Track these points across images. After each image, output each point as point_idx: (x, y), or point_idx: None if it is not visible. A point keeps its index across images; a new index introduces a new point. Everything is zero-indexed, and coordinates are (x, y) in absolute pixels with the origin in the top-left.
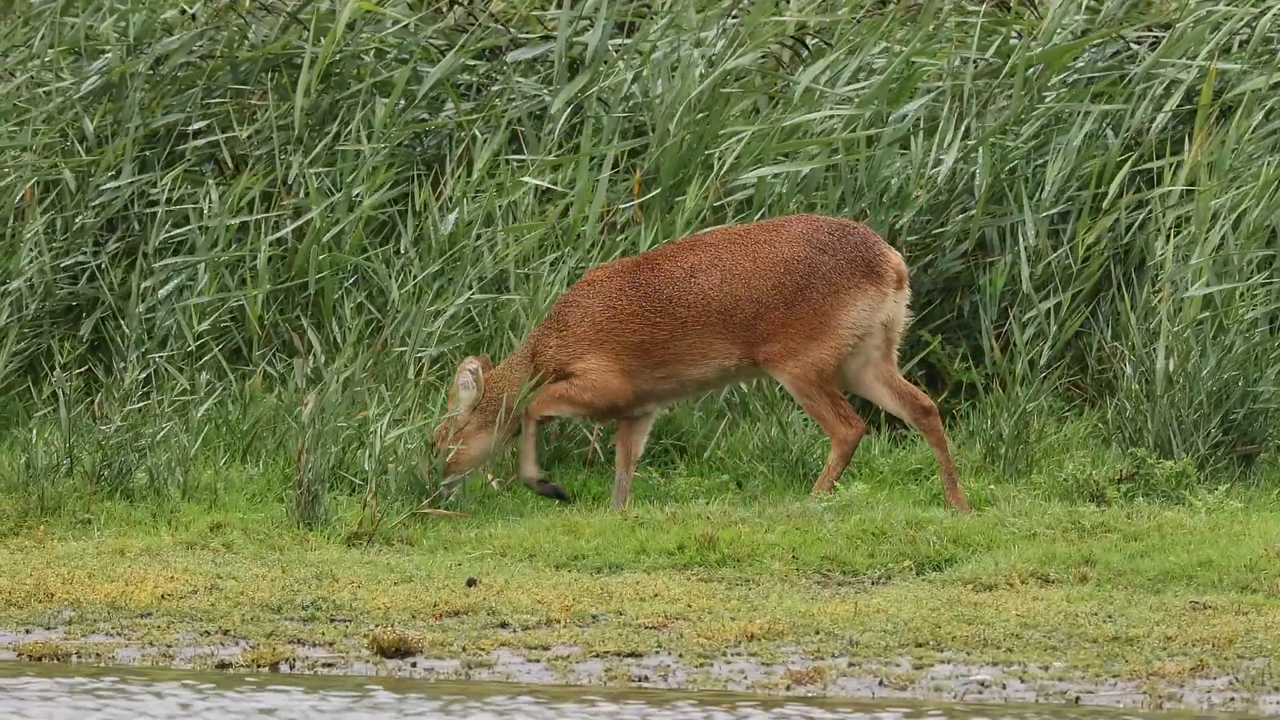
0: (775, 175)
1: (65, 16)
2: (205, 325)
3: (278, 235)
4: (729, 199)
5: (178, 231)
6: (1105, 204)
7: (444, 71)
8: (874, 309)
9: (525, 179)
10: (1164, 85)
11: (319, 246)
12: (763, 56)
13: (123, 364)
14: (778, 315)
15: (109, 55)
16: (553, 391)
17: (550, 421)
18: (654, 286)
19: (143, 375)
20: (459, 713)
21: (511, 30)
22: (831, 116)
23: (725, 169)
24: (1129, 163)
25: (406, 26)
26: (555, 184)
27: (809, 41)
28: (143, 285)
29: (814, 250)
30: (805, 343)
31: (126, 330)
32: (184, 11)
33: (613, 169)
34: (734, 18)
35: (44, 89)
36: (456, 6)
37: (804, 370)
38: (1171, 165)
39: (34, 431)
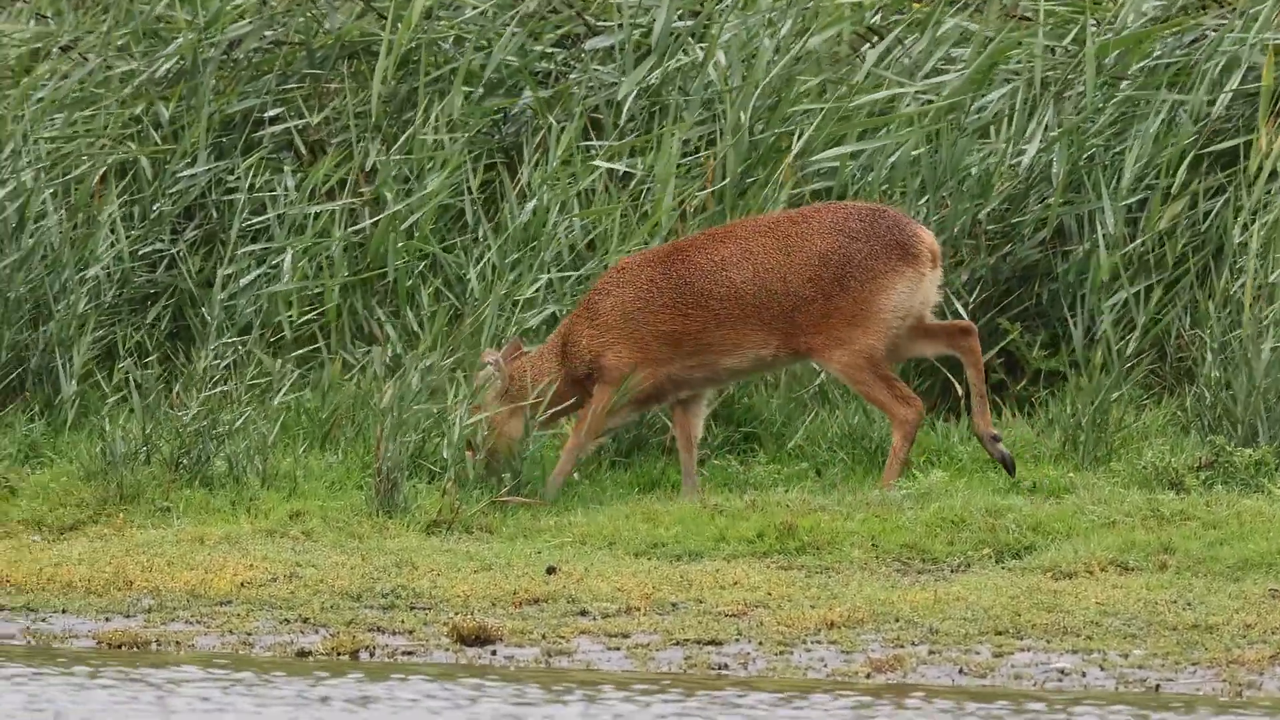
0: (853, 156)
1: (137, 3)
2: (286, 314)
3: (356, 225)
4: (807, 186)
5: (257, 220)
6: (1174, 189)
7: (521, 59)
8: (913, 291)
9: (597, 163)
10: (1224, 67)
11: (396, 234)
12: (838, 41)
13: (201, 352)
14: (817, 307)
15: (180, 41)
16: (595, 406)
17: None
18: (685, 278)
19: (222, 364)
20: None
21: (588, 17)
22: (904, 98)
23: (799, 152)
24: (1197, 148)
25: (484, 13)
26: (632, 170)
27: (878, 23)
28: (224, 273)
29: (848, 239)
30: (850, 331)
31: (207, 317)
32: None
33: (688, 154)
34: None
35: (117, 73)
36: None
37: (853, 359)
38: (1243, 149)
39: (108, 420)
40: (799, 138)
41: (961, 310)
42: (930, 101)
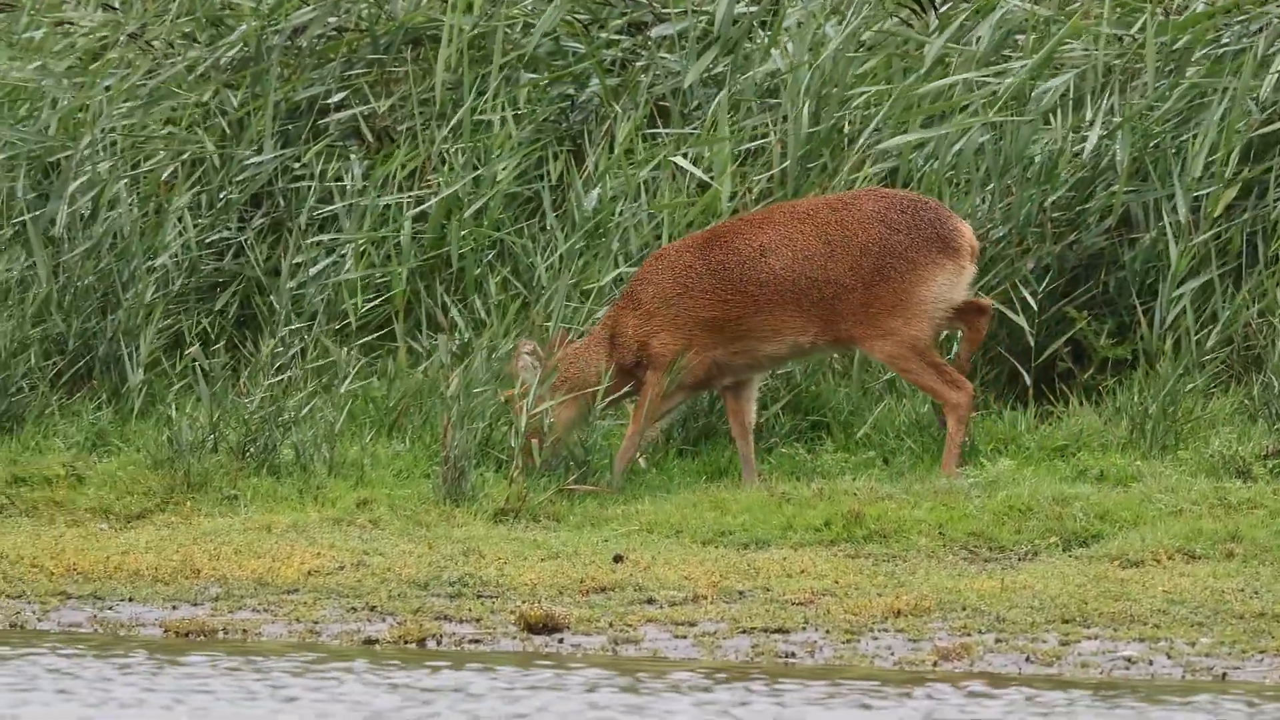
0: (918, 144)
1: None
2: (352, 301)
3: (420, 209)
4: (873, 169)
5: (326, 209)
6: (1228, 175)
7: (587, 45)
8: (953, 284)
9: (669, 156)
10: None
11: (462, 222)
12: (899, 23)
13: (269, 340)
14: (857, 296)
15: (244, 28)
16: (649, 393)
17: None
18: (725, 264)
19: (289, 353)
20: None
21: (655, 5)
22: (966, 85)
23: (861, 139)
24: (1261, 135)
25: None
26: (698, 158)
27: (937, 4)
28: (291, 261)
29: (889, 230)
30: (892, 322)
31: (274, 305)
32: None
33: (752, 140)
34: None
35: (183, 62)
36: None
37: (898, 348)
38: None
39: (175, 407)
40: (862, 125)
41: (1030, 299)
42: (992, 89)
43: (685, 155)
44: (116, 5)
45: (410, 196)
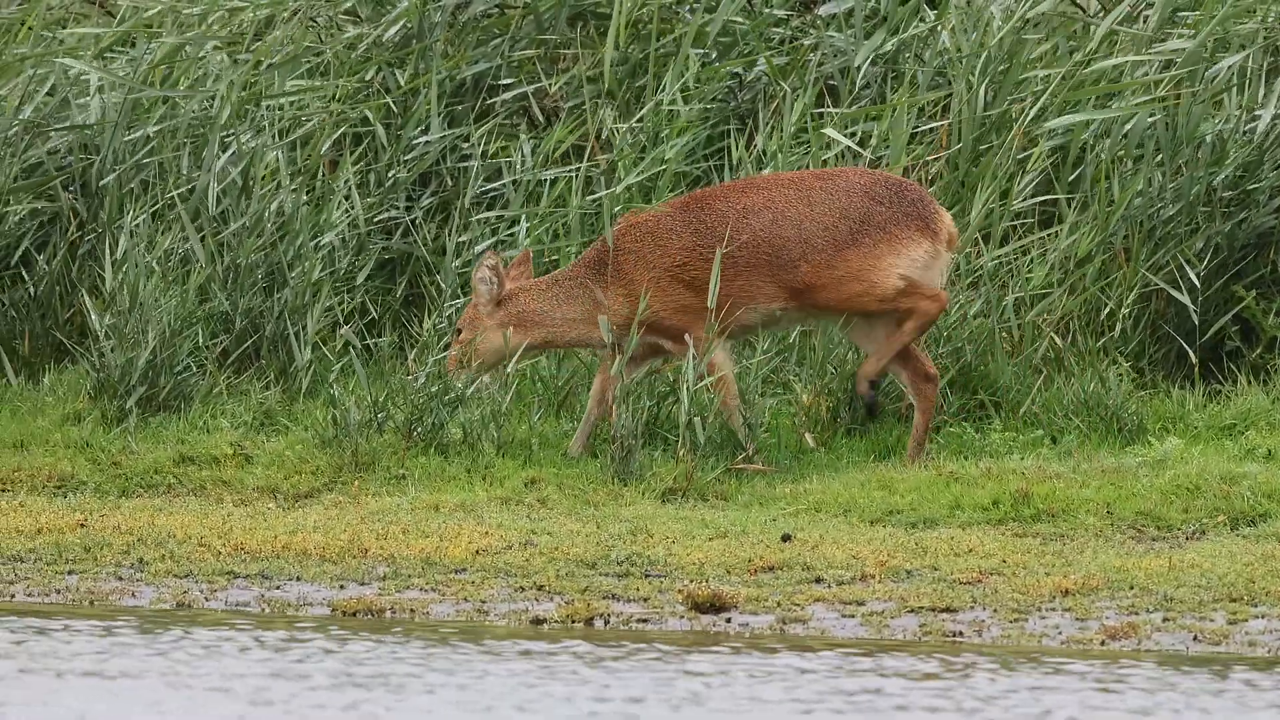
0: (1087, 123)
1: None
2: None
3: (591, 193)
4: (1038, 148)
5: (491, 186)
6: None
7: (753, 23)
8: (926, 263)
9: (827, 131)
10: None
11: (630, 201)
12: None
13: (437, 319)
14: (824, 257)
15: (405, 3)
16: (716, 362)
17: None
18: (706, 224)
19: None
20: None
21: None
22: (1136, 65)
23: (1030, 118)
24: None
25: None
26: (866, 137)
27: None
28: (456, 240)
29: (872, 201)
30: (856, 285)
31: (441, 284)
32: None
33: (922, 120)
34: None
35: (345, 38)
36: None
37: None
38: None
39: (340, 387)
40: (1032, 106)
41: (1194, 278)
42: (1165, 66)
43: (853, 136)
44: None
45: (572, 170)
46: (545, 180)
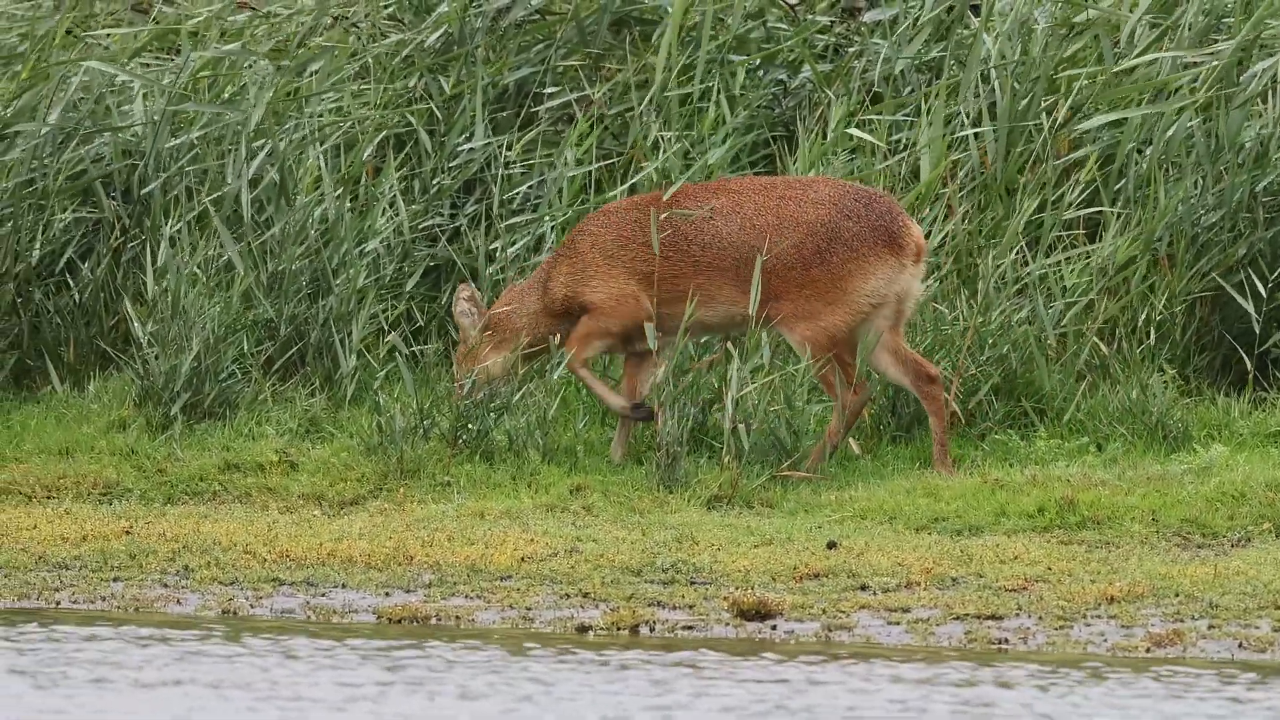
0: (1129, 129)
1: None
2: None
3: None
4: (1079, 154)
5: (525, 189)
6: None
7: (798, 31)
8: (891, 280)
9: (852, 131)
10: None
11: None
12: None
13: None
14: (795, 275)
15: (444, 9)
16: (579, 333)
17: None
18: (672, 222)
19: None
20: None
21: None
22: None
23: (1064, 122)
24: None
25: None
26: (909, 144)
27: None
28: (489, 246)
29: (840, 215)
30: (817, 304)
31: (484, 291)
32: None
33: (961, 127)
34: None
35: (387, 45)
36: None
37: (815, 333)
38: None
39: (385, 394)
40: (1059, 109)
41: (1260, 286)
42: (1198, 70)
43: (897, 142)
44: None
45: (601, 166)
46: (576, 178)
